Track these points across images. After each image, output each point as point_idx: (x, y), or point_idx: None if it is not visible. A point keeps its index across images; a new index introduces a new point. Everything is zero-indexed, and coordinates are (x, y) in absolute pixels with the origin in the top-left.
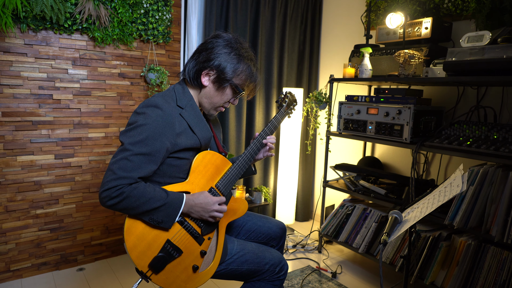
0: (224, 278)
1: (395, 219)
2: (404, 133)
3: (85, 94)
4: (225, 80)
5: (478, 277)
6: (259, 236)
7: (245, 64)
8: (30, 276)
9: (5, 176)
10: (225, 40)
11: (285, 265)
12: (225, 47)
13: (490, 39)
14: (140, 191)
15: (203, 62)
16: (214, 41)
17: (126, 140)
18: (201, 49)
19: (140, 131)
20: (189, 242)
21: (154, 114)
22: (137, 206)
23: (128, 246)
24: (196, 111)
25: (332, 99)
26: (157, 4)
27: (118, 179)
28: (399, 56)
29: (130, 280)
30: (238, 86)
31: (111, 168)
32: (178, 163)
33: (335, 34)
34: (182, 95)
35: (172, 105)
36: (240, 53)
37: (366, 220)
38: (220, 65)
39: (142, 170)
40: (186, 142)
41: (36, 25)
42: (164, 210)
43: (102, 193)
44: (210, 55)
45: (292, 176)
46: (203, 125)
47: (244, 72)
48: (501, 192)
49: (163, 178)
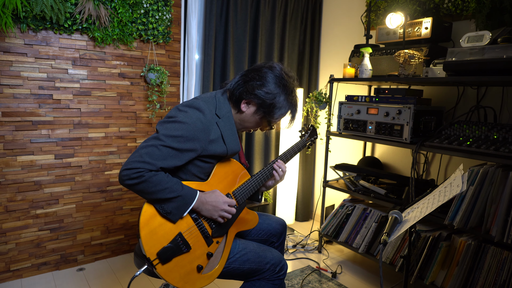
0: (226, 277)
1: (395, 219)
2: (404, 133)
3: (85, 94)
4: (267, 117)
5: (478, 277)
6: (260, 233)
7: (290, 108)
8: (30, 276)
9: (5, 176)
10: (275, 76)
11: (285, 264)
12: (276, 87)
13: (490, 39)
14: (158, 178)
15: (250, 90)
16: (268, 73)
17: (162, 131)
18: (253, 75)
19: (177, 127)
20: (199, 241)
21: (195, 116)
22: (152, 192)
23: (142, 231)
24: (231, 124)
25: (332, 99)
26: (157, 4)
27: (142, 162)
28: (399, 56)
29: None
30: (272, 122)
31: (139, 151)
32: (203, 165)
33: (335, 34)
34: (222, 105)
35: (212, 111)
36: (289, 97)
37: (366, 220)
38: (264, 104)
39: (166, 161)
40: (216, 150)
41: (36, 25)
42: (175, 202)
43: (123, 171)
44: (260, 87)
45: (292, 176)
46: (235, 138)
47: (283, 115)
48: (501, 192)
49: (186, 175)
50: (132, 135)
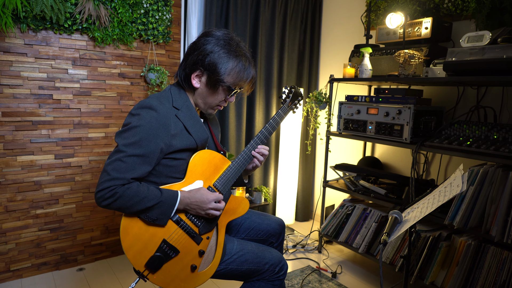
0: (224, 278)
1: (395, 219)
2: (404, 133)
3: (85, 94)
4: (216, 80)
5: (478, 277)
6: (259, 233)
7: (236, 61)
8: (30, 276)
9: (5, 176)
10: (213, 38)
11: (285, 265)
12: (214, 46)
13: (490, 39)
14: (133, 191)
15: (192, 64)
16: (202, 40)
17: (120, 142)
18: (190, 50)
19: (134, 132)
20: (186, 242)
21: (148, 115)
22: (131, 206)
23: (124, 246)
24: (192, 112)
25: (332, 99)
26: (157, 4)
27: (111, 180)
28: (399, 56)
29: (130, 280)
30: (231, 86)
31: (106, 169)
32: (174, 164)
33: (335, 34)
34: (178, 96)
35: (167, 106)
36: (229, 50)
37: (366, 220)
38: (209, 66)
39: (135, 171)
40: (181, 143)
41: (36, 25)
42: (158, 208)
43: (97, 194)
44: (199, 56)
45: (292, 176)
46: (199, 126)
47: (235, 70)
48: (501, 192)
49: (160, 178)
50: None
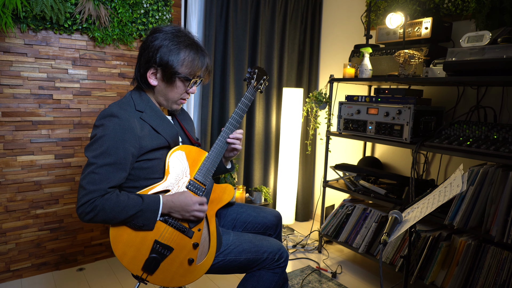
0: (224, 272)
1: (395, 219)
2: (404, 133)
3: (85, 94)
4: (171, 74)
5: (478, 277)
6: (256, 226)
7: (187, 51)
8: (30, 276)
9: (5, 176)
10: (161, 34)
11: (285, 252)
12: (163, 40)
13: (490, 39)
14: (112, 202)
15: (146, 62)
16: (151, 38)
17: (89, 154)
18: (141, 50)
19: (100, 143)
20: (178, 238)
21: (111, 123)
22: (114, 217)
23: (117, 254)
24: (157, 112)
25: (332, 99)
26: (157, 4)
27: (89, 194)
28: (399, 56)
29: (130, 280)
30: (188, 76)
31: (81, 184)
32: (150, 165)
33: (335, 34)
34: (140, 99)
35: (129, 110)
36: (179, 41)
37: (366, 220)
38: (161, 60)
39: (110, 180)
40: (151, 143)
41: (36, 25)
42: (142, 215)
43: (78, 210)
44: (149, 53)
45: (292, 176)
46: (166, 123)
47: (188, 59)
48: (501, 192)
49: (138, 182)
50: None
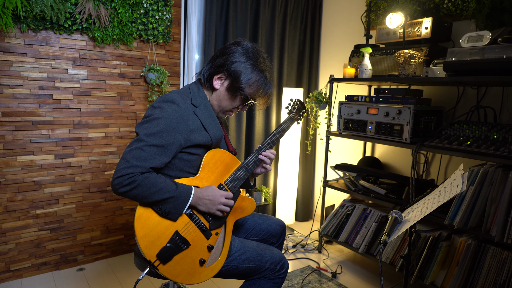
0: (225, 276)
1: (395, 219)
2: (404, 133)
3: (85, 94)
4: (237, 88)
5: (478, 277)
6: (259, 234)
7: (259, 74)
8: (30, 276)
9: (5, 176)
10: (243, 48)
11: (286, 263)
12: (242, 55)
13: (490, 39)
14: (151, 181)
15: (218, 66)
16: (232, 48)
17: (141, 131)
18: (219, 53)
19: (155, 123)
20: (197, 236)
21: (170, 109)
22: (147, 196)
23: (138, 235)
24: (209, 111)
25: (332, 99)
26: (157, 4)
27: (131, 167)
28: (399, 56)
29: (130, 280)
30: (249, 96)
31: (125, 156)
32: (190, 158)
33: (335, 34)
34: (197, 94)
35: (187, 102)
36: (256, 63)
37: (366, 220)
38: (234, 73)
39: (154, 160)
40: (198, 139)
41: (36, 25)
42: (172, 202)
43: (115, 180)
44: (226, 60)
45: (292, 176)
46: (216, 124)
47: (257, 83)
48: (501, 192)
49: (175, 171)
50: (132, 135)
